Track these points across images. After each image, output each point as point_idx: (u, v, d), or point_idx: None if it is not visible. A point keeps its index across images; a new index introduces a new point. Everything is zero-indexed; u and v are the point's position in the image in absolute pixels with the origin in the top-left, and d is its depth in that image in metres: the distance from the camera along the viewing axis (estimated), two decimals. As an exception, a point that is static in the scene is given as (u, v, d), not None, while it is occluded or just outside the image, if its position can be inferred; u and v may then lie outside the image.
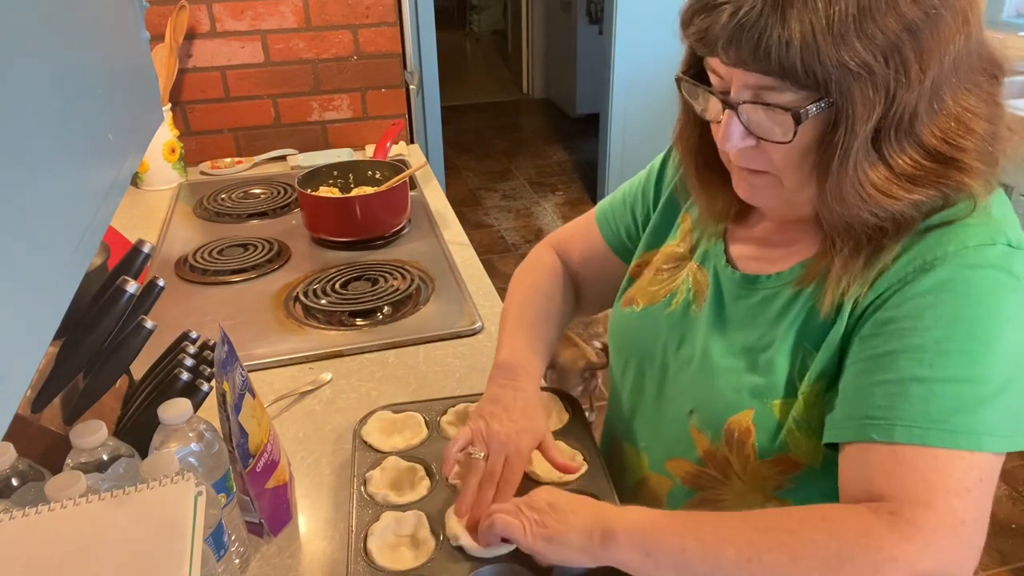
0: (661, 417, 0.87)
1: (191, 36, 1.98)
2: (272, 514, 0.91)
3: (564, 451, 0.93)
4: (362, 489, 0.91)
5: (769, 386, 0.74)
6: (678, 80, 0.74)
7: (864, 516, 0.62)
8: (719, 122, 0.70)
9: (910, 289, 0.66)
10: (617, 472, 0.93)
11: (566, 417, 1.02)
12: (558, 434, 0.98)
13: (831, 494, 0.70)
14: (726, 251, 0.84)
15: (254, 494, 0.87)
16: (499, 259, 3.83)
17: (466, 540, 0.81)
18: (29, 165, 0.48)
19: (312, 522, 0.95)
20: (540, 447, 0.87)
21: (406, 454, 0.96)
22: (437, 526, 0.85)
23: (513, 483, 0.84)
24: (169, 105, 1.99)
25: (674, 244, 0.91)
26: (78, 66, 0.62)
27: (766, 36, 0.60)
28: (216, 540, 0.76)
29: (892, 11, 0.59)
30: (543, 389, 1.05)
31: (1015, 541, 2.15)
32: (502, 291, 1.35)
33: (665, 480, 0.87)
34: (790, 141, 0.66)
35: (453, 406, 1.05)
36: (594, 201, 4.34)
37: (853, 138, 0.63)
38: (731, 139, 0.69)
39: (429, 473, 0.93)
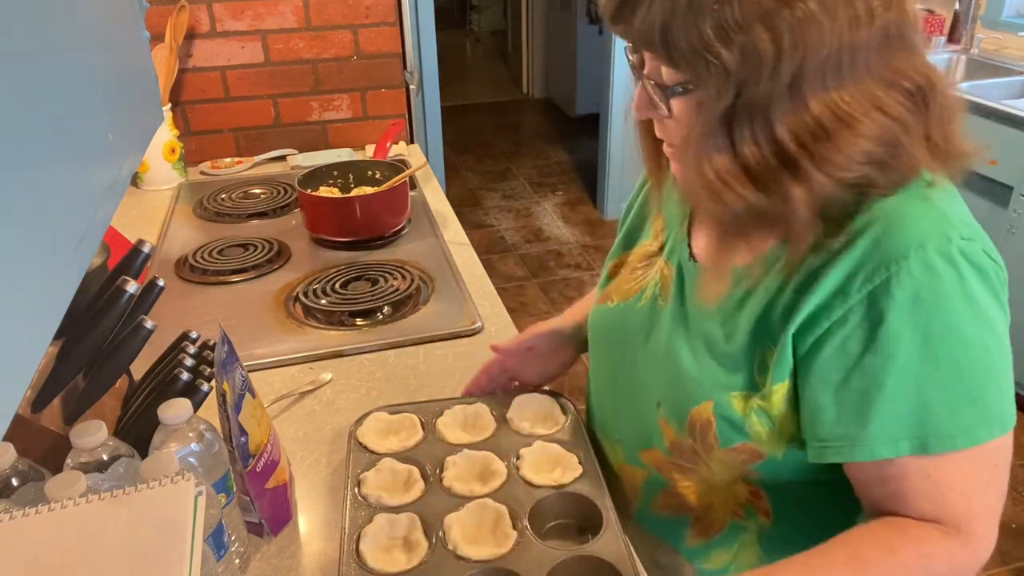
0: (633, 410, 0.88)
1: (191, 36, 1.98)
2: (272, 514, 0.91)
3: (560, 455, 0.95)
4: (355, 491, 0.91)
5: (727, 379, 0.75)
6: (625, 52, 0.76)
7: (945, 544, 0.69)
8: None
9: (885, 304, 0.65)
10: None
11: (562, 419, 1.02)
12: (553, 438, 0.98)
13: (798, 482, 0.77)
14: (689, 245, 0.85)
15: (254, 494, 0.87)
16: (499, 259, 3.82)
17: (466, 549, 0.82)
18: (29, 165, 0.48)
19: (312, 522, 0.95)
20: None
21: (401, 456, 0.96)
22: (430, 528, 0.85)
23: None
24: (169, 105, 1.99)
25: (647, 243, 0.93)
26: (78, 66, 0.62)
27: (639, 13, 0.63)
28: (216, 540, 0.76)
29: (749, 1, 0.60)
30: (542, 391, 1.07)
31: (1015, 541, 2.15)
32: (502, 291, 1.35)
33: (639, 471, 0.89)
34: (668, 116, 0.69)
35: (449, 408, 1.04)
36: (594, 201, 4.36)
37: (705, 120, 0.65)
38: (637, 106, 0.72)
39: (424, 475, 0.93)
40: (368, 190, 1.71)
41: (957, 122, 0.68)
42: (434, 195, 1.89)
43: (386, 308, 1.38)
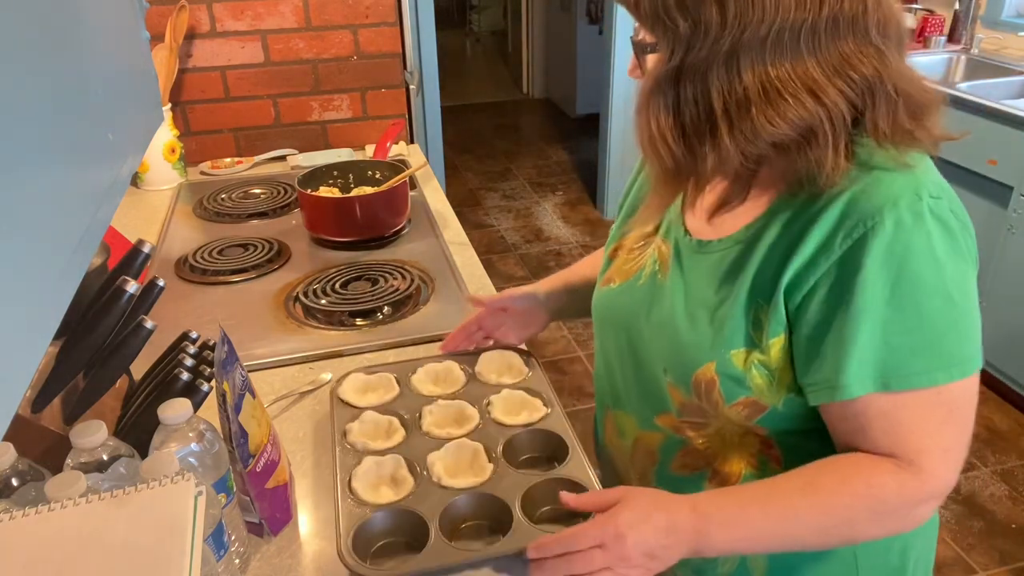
0: (642, 380, 0.92)
1: (191, 36, 1.98)
2: (272, 514, 0.91)
3: (526, 400, 1.07)
4: (344, 442, 0.99)
5: (726, 339, 0.80)
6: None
7: (896, 475, 0.74)
8: None
9: (862, 256, 0.70)
10: (613, 436, 1.01)
11: (525, 370, 1.13)
12: (518, 386, 1.07)
13: (801, 431, 0.82)
14: (684, 222, 0.90)
15: (254, 494, 0.87)
16: (499, 259, 3.82)
17: (449, 480, 0.92)
18: (29, 165, 0.48)
19: (312, 522, 0.95)
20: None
21: (381, 408, 1.05)
22: (414, 467, 0.95)
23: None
24: (169, 105, 1.99)
25: (643, 226, 0.98)
26: (78, 66, 0.62)
27: None
28: (216, 540, 0.76)
29: None
30: (506, 347, 1.18)
31: (1015, 541, 2.15)
32: (502, 291, 1.35)
33: (656, 435, 0.93)
34: (643, 75, 0.76)
35: (422, 366, 1.14)
36: (594, 201, 4.36)
37: (657, 77, 0.72)
38: (630, 68, 0.80)
39: (403, 424, 1.02)
40: (368, 190, 1.71)
41: (921, 115, 0.72)
42: (434, 195, 1.89)
43: (386, 308, 1.38)
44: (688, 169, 0.74)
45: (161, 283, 0.92)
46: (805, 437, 0.82)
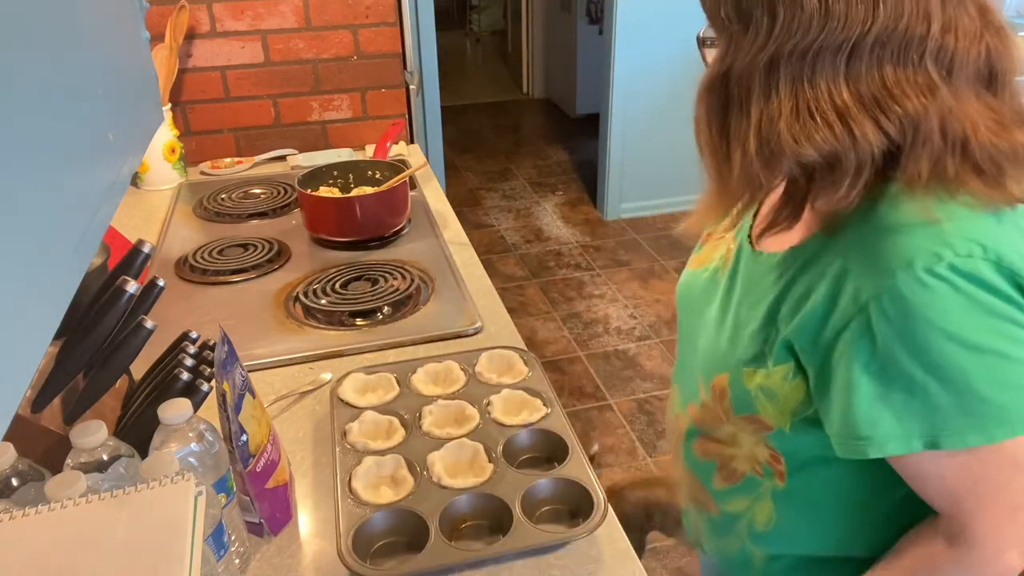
0: (687, 366, 0.95)
1: (191, 36, 1.98)
2: (272, 514, 0.91)
3: (526, 400, 1.07)
4: (343, 441, 1.00)
5: (741, 355, 0.80)
6: None
7: (950, 553, 0.72)
8: None
9: (878, 319, 0.66)
10: (669, 405, 1.03)
11: (525, 370, 1.14)
12: (518, 386, 1.09)
13: (811, 456, 0.80)
14: (752, 225, 0.89)
15: (254, 494, 0.87)
16: (499, 259, 3.82)
17: (449, 480, 0.93)
18: (29, 165, 0.48)
19: (312, 522, 0.95)
20: None
21: (381, 408, 1.06)
22: (414, 467, 0.95)
23: None
24: (169, 105, 1.99)
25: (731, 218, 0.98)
26: (78, 66, 0.62)
27: None
28: (216, 540, 0.76)
29: None
30: (504, 348, 1.19)
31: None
32: (502, 291, 1.35)
33: (684, 418, 0.95)
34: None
35: (421, 366, 1.15)
36: (594, 201, 4.36)
37: (713, 75, 0.71)
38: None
39: (403, 424, 1.03)
40: (368, 190, 1.71)
41: (991, 168, 0.65)
42: (434, 195, 1.89)
43: (386, 308, 1.38)
44: (724, 174, 0.73)
45: (161, 283, 0.92)
46: (815, 463, 0.80)
